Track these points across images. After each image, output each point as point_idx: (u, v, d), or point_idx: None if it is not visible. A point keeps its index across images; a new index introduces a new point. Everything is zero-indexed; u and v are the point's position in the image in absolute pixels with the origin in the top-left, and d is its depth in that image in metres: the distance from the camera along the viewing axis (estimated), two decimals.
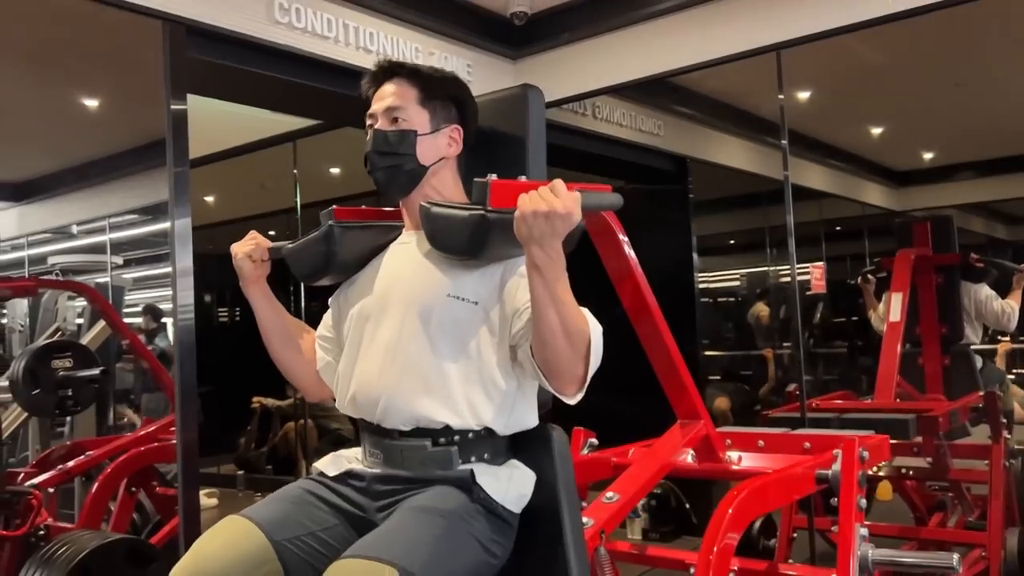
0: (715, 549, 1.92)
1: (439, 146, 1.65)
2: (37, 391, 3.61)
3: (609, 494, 2.14)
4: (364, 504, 1.57)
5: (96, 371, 3.77)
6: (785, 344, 5.65)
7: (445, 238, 1.52)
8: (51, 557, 2.95)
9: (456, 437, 1.54)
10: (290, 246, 1.72)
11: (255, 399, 7.05)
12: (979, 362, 4.28)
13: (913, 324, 4.25)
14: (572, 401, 1.49)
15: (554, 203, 1.33)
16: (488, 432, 1.56)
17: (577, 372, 1.43)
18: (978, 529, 3.49)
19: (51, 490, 3.54)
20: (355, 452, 1.68)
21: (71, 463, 3.68)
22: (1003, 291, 4.46)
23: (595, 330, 1.45)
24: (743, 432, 2.77)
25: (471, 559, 1.46)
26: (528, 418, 1.61)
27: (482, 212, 1.43)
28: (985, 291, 4.35)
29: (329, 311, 1.79)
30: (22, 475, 3.64)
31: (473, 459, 1.55)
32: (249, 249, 1.73)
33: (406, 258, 1.65)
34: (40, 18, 3.27)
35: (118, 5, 2.85)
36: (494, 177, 1.44)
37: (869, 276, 4.62)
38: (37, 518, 3.34)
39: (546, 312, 1.38)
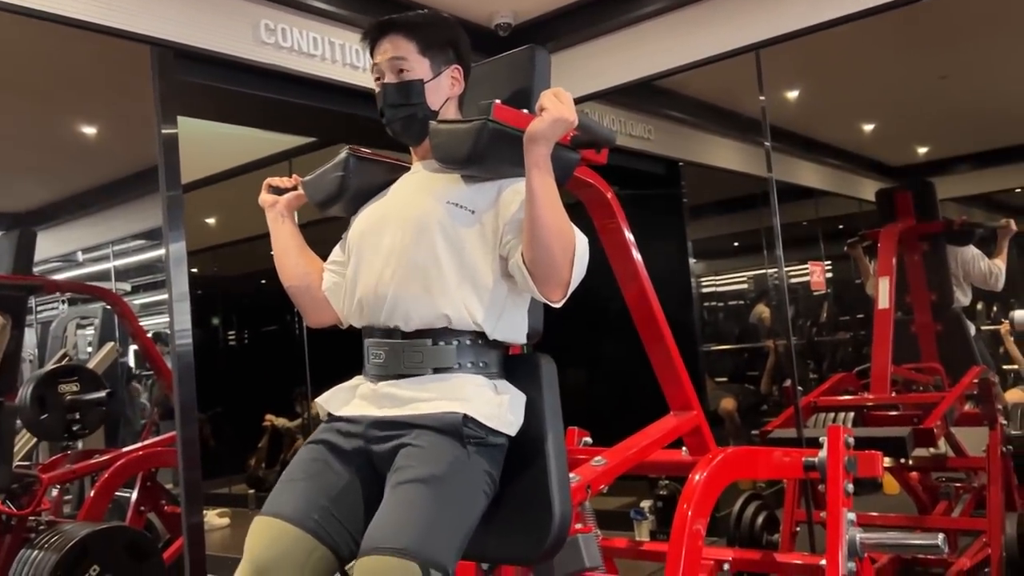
0: (688, 513, 1.95)
1: (443, 88, 1.77)
2: (45, 416, 3.65)
3: (597, 458, 2.19)
4: (364, 448, 1.64)
5: (103, 394, 3.82)
6: (784, 343, 5.66)
7: (448, 147, 1.64)
8: (48, 543, 3.01)
9: (454, 340, 1.64)
10: (308, 176, 1.86)
11: (266, 418, 7.11)
12: (972, 328, 4.25)
13: (903, 292, 4.24)
14: (557, 305, 1.62)
15: (563, 110, 1.50)
16: (483, 339, 1.66)
17: (563, 275, 1.56)
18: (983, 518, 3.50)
19: (55, 490, 3.58)
20: (355, 380, 1.75)
21: (77, 465, 3.74)
22: (989, 251, 4.44)
23: (580, 238, 1.58)
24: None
25: (477, 503, 1.56)
26: (518, 330, 1.72)
27: (484, 120, 1.56)
28: (972, 251, 4.32)
29: (340, 242, 1.89)
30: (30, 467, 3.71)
31: (469, 364, 1.65)
32: (289, 184, 1.90)
33: (411, 181, 1.80)
34: (32, 48, 3.33)
35: (106, 32, 2.92)
36: (498, 102, 1.58)
37: (855, 244, 4.59)
38: (41, 504, 3.39)
39: (541, 211, 1.51)
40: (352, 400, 1.71)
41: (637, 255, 2.32)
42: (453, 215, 1.65)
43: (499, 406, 1.62)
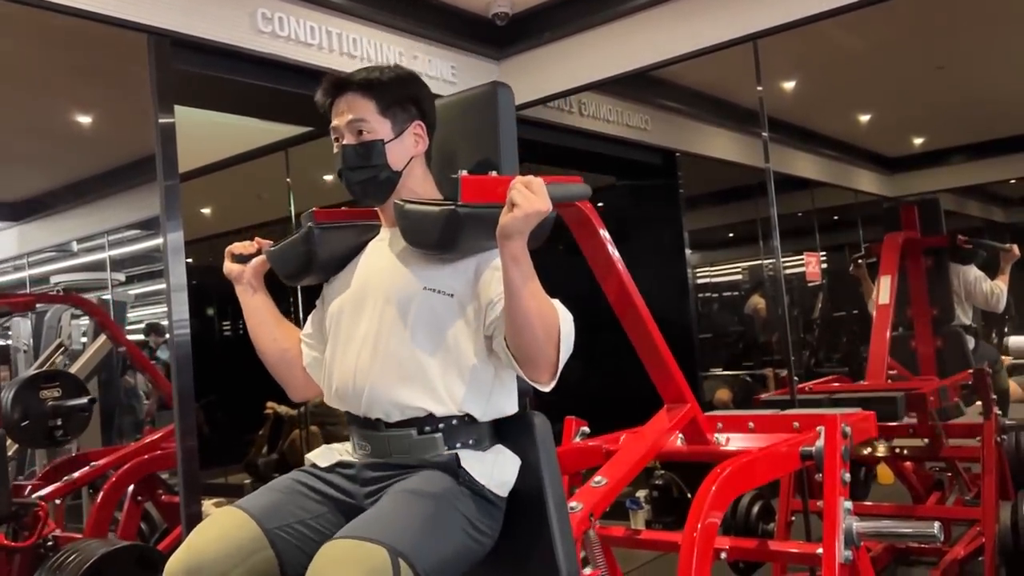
0: (699, 526, 1.96)
1: (406, 147, 1.69)
2: (26, 422, 3.61)
3: (597, 478, 2.18)
4: (353, 491, 1.63)
5: (85, 400, 3.78)
6: (780, 333, 5.67)
7: (419, 234, 1.57)
8: (61, 565, 2.98)
9: (440, 425, 1.59)
10: (272, 248, 1.77)
11: (268, 404, 7.10)
12: (971, 343, 4.30)
13: (905, 307, 4.27)
14: (546, 388, 1.54)
15: (535, 203, 1.41)
16: (470, 419, 1.61)
17: (550, 359, 1.49)
18: (976, 507, 3.52)
19: (58, 501, 3.57)
20: (346, 445, 1.73)
21: (76, 474, 3.71)
22: (992, 272, 4.48)
23: (564, 318, 1.51)
24: (733, 415, 2.81)
25: (458, 539, 1.51)
26: (507, 405, 1.66)
27: (453, 207, 1.48)
28: (974, 272, 4.37)
29: (313, 311, 1.84)
30: (29, 488, 3.66)
31: (459, 445, 1.60)
32: (252, 250, 1.79)
33: (383, 254, 1.70)
34: (29, 37, 3.32)
35: (103, 20, 2.90)
36: (465, 173, 1.50)
37: (859, 261, 4.64)
38: (44, 529, 3.36)
39: (521, 301, 1.44)
40: (343, 456, 1.70)
41: (615, 253, 2.28)
42: (432, 302, 1.59)
43: (493, 465, 1.60)
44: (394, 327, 1.60)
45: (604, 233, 2.28)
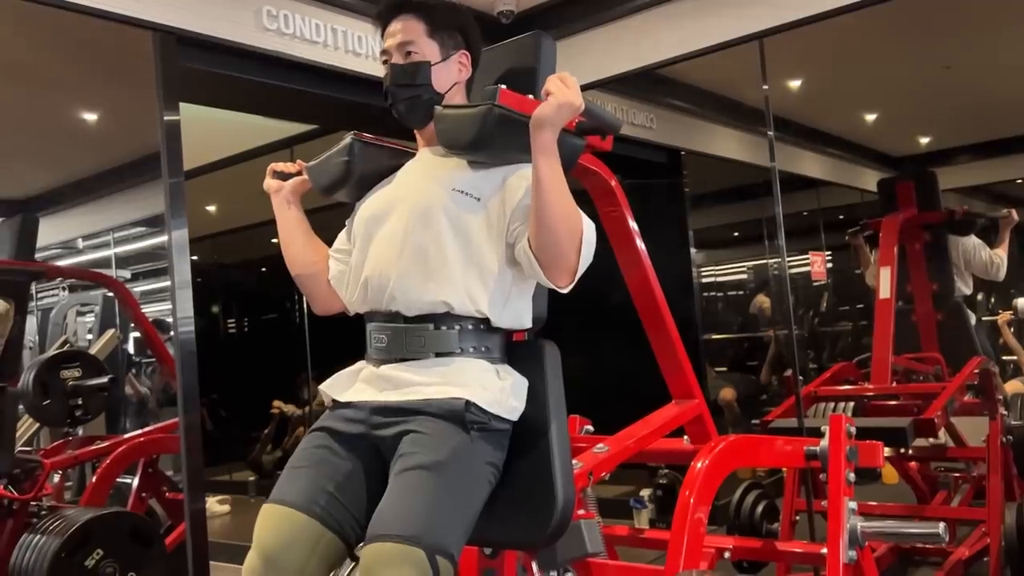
0: (691, 500, 1.96)
1: (451, 72, 1.77)
2: (47, 401, 3.65)
3: (600, 445, 2.20)
4: (367, 434, 1.65)
5: (105, 379, 3.82)
6: (785, 333, 5.66)
7: (454, 132, 1.64)
8: (50, 527, 3.01)
9: (456, 325, 1.64)
10: (312, 163, 1.85)
11: (275, 404, 7.12)
12: (973, 318, 4.25)
13: (904, 282, 4.24)
14: (564, 291, 1.61)
15: (569, 95, 1.50)
16: (486, 324, 1.65)
17: (571, 261, 1.55)
18: (981, 507, 3.51)
19: (58, 476, 3.58)
20: (358, 365, 1.75)
21: (79, 451, 3.75)
22: (990, 239, 4.43)
23: (588, 225, 1.57)
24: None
25: (481, 490, 1.57)
26: (523, 316, 1.72)
27: (490, 105, 1.56)
28: (973, 241, 4.30)
29: (344, 229, 1.88)
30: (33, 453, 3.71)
31: (471, 349, 1.64)
32: (294, 170, 1.88)
33: (417, 167, 1.80)
34: (33, 33, 3.32)
35: (108, 17, 2.91)
36: (504, 87, 1.57)
37: (856, 235, 4.58)
38: (42, 489, 3.40)
39: (548, 197, 1.51)
40: (355, 385, 1.71)
41: (640, 243, 2.32)
42: (458, 202, 1.65)
43: (501, 391, 1.62)
44: (421, 224, 1.66)
45: (634, 226, 2.32)
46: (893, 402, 3.55)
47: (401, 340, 1.65)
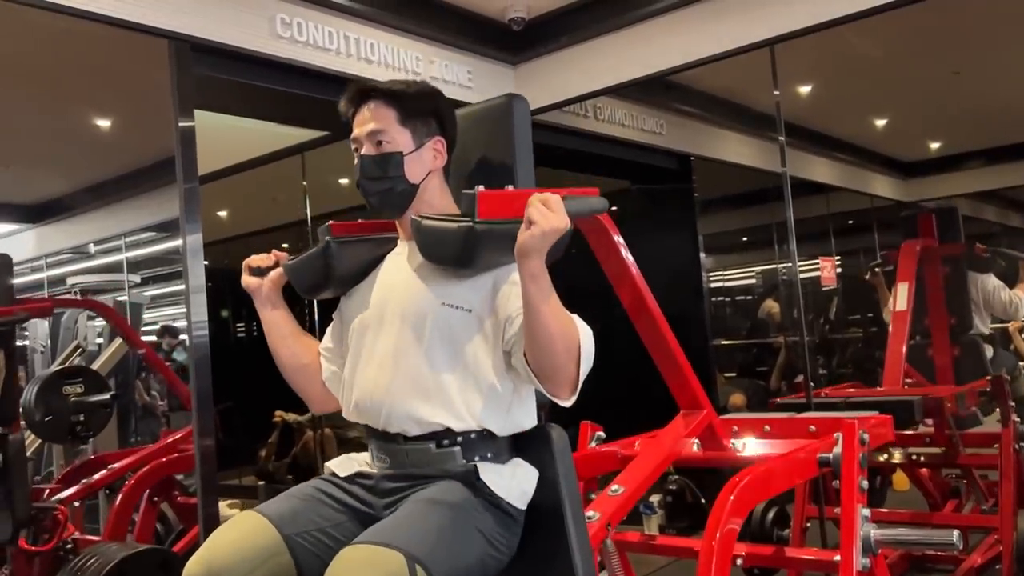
0: (717, 535, 1.96)
1: (425, 161, 1.69)
2: (49, 417, 3.65)
3: (614, 487, 2.18)
4: (372, 502, 1.63)
5: (107, 396, 3.82)
6: (795, 338, 5.66)
7: (436, 250, 1.56)
8: (81, 568, 3.00)
9: (459, 439, 1.59)
10: (290, 262, 1.76)
11: (277, 413, 7.13)
12: (989, 352, 4.28)
13: (922, 315, 4.25)
14: (566, 404, 1.53)
15: (553, 220, 1.39)
16: (488, 433, 1.61)
17: (570, 375, 1.48)
18: (994, 515, 3.50)
19: (76, 504, 3.59)
20: (364, 456, 1.74)
21: (94, 477, 3.73)
22: (1010, 281, 4.46)
23: (585, 334, 1.50)
24: (748, 418, 2.81)
25: (476, 550, 1.52)
26: (525, 420, 1.66)
27: (470, 224, 1.47)
28: (993, 281, 4.36)
29: (331, 325, 1.84)
30: (47, 491, 3.70)
31: (477, 458, 1.60)
32: (270, 263, 1.79)
33: (401, 269, 1.70)
34: (50, 41, 3.35)
35: (124, 25, 2.92)
36: (481, 188, 1.48)
37: (876, 269, 4.61)
38: (64, 532, 3.39)
39: (541, 318, 1.43)
40: (362, 466, 1.70)
41: (628, 255, 2.29)
42: (450, 318, 1.59)
43: (511, 478, 1.60)
44: (412, 343, 1.61)
45: (619, 240, 2.28)
46: None
47: (403, 460, 1.62)
